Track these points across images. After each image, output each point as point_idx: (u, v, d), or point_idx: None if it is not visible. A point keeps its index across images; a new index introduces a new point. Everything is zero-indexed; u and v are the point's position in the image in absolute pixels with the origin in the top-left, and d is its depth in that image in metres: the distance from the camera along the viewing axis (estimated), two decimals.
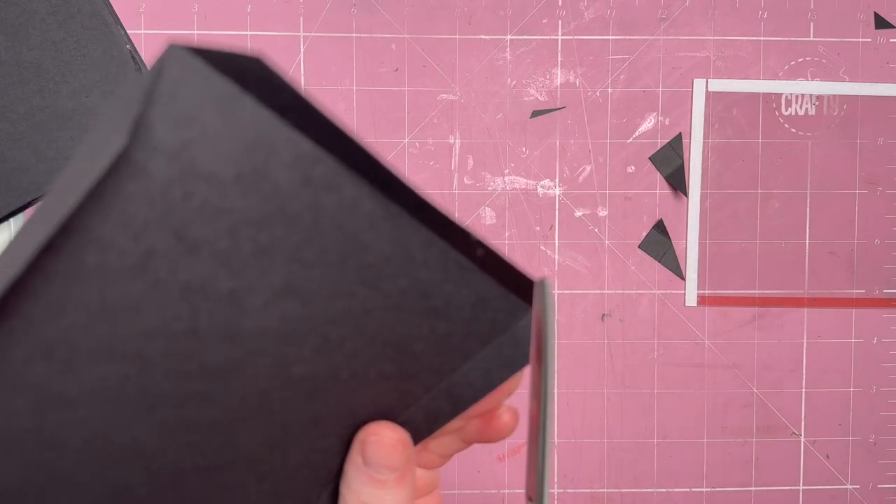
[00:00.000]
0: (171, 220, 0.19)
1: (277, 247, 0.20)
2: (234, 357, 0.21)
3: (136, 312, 0.19)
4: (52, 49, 0.38)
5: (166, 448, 0.21)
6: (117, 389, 0.20)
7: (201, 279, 0.20)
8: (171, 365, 0.20)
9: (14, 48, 0.38)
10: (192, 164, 0.18)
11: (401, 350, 0.24)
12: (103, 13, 0.38)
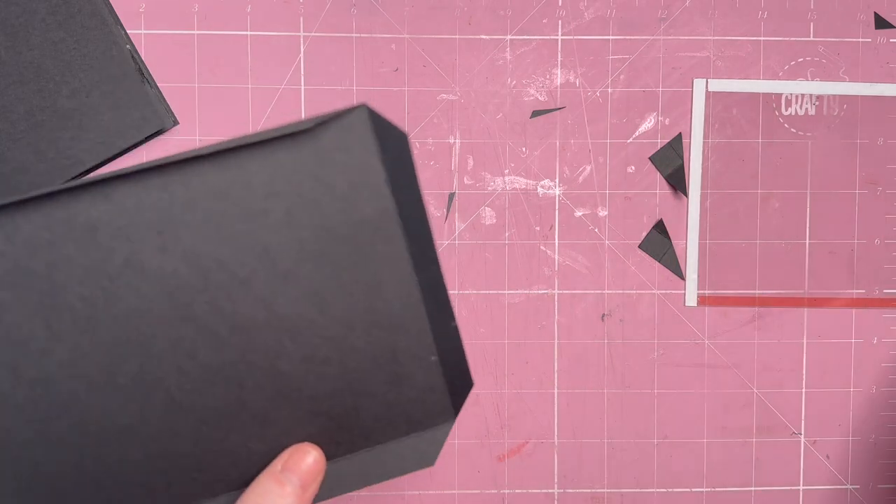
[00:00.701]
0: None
1: (320, 266, 0.27)
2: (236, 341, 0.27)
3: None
4: (52, 49, 0.38)
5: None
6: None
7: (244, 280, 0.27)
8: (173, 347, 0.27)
9: (14, 48, 0.38)
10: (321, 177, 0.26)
11: (352, 402, 0.29)
12: (103, 13, 0.38)
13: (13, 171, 0.38)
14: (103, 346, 0.27)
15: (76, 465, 0.27)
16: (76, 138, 0.39)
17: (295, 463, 0.28)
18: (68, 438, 0.27)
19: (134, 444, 0.28)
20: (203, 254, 0.26)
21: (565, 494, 0.42)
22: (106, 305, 0.26)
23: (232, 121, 0.41)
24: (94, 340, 0.26)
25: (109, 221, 0.26)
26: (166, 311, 0.27)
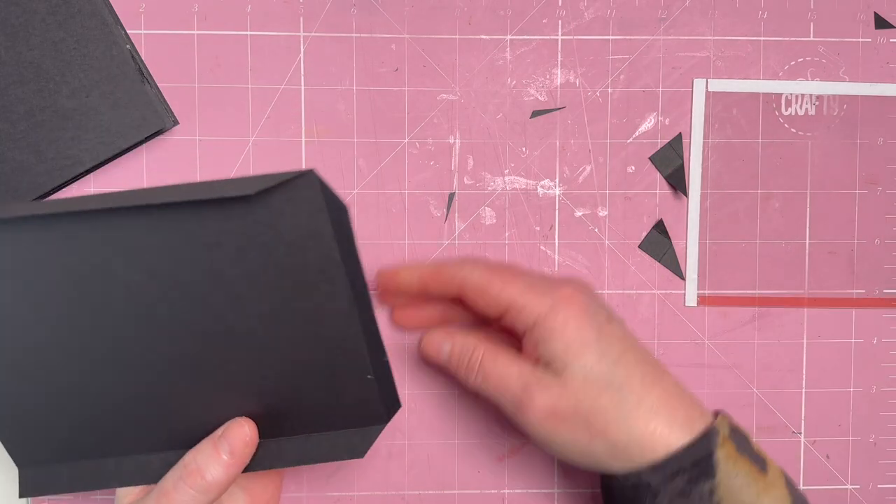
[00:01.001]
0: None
1: (268, 294, 0.32)
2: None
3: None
4: (52, 49, 0.38)
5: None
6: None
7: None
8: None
9: (14, 48, 0.38)
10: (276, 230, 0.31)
11: (295, 398, 0.35)
12: (103, 13, 0.38)
13: (13, 171, 0.38)
14: (81, 331, 0.32)
15: (70, 413, 0.34)
16: (76, 138, 0.39)
17: (231, 433, 0.34)
18: (61, 391, 0.34)
19: (115, 401, 0.34)
20: (163, 272, 0.31)
21: (565, 494, 0.42)
22: (81, 301, 0.32)
23: (232, 120, 0.41)
24: (73, 325, 0.32)
25: (86, 235, 0.30)
26: (131, 311, 0.32)
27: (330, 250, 0.31)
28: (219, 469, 0.33)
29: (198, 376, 0.34)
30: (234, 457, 0.33)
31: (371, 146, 0.41)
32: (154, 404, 0.34)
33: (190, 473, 0.33)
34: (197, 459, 0.33)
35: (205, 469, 0.33)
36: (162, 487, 0.33)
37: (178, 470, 0.33)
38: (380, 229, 0.41)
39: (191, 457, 0.33)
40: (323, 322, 0.33)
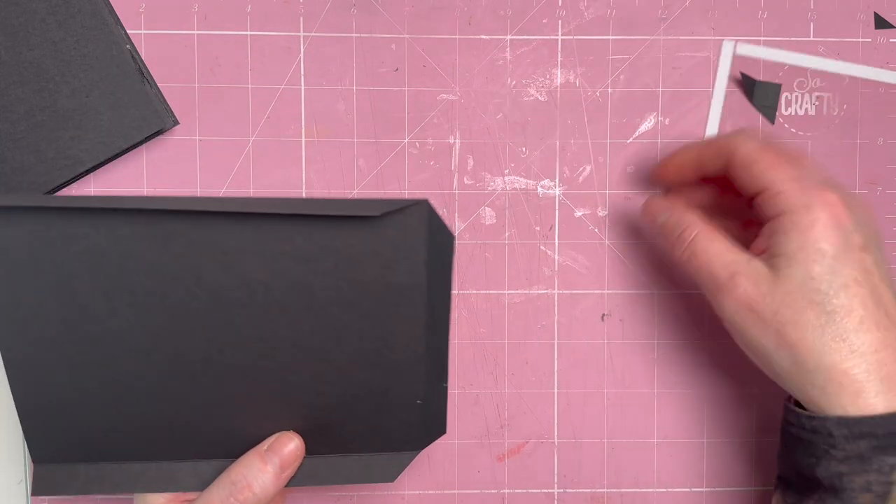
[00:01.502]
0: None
1: (347, 311, 0.33)
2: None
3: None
4: (51, 49, 0.38)
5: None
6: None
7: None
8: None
9: (14, 48, 0.38)
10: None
11: (341, 417, 0.35)
12: (103, 13, 0.38)
13: (13, 171, 0.38)
14: (149, 327, 0.32)
15: (103, 412, 0.34)
16: (76, 138, 0.39)
17: (279, 446, 0.34)
18: (100, 389, 0.33)
19: (154, 405, 0.34)
20: (256, 280, 0.32)
21: (565, 494, 0.42)
22: (161, 297, 0.32)
23: (232, 120, 0.41)
24: (142, 321, 0.32)
25: (185, 234, 0.31)
26: (211, 312, 0.32)
27: (418, 276, 0.33)
28: (267, 482, 0.33)
29: (246, 385, 0.34)
30: (282, 470, 0.34)
31: (371, 146, 0.41)
32: (190, 411, 0.34)
33: (240, 489, 0.33)
34: (246, 475, 0.33)
35: (253, 483, 0.33)
36: (208, 501, 0.33)
37: (227, 486, 0.33)
38: None
39: (239, 472, 0.33)
40: (391, 343, 0.34)
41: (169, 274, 0.31)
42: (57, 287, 0.31)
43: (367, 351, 0.34)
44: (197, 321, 0.32)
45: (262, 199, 0.31)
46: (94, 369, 0.33)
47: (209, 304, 0.32)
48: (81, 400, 0.33)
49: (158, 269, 0.31)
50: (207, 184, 0.41)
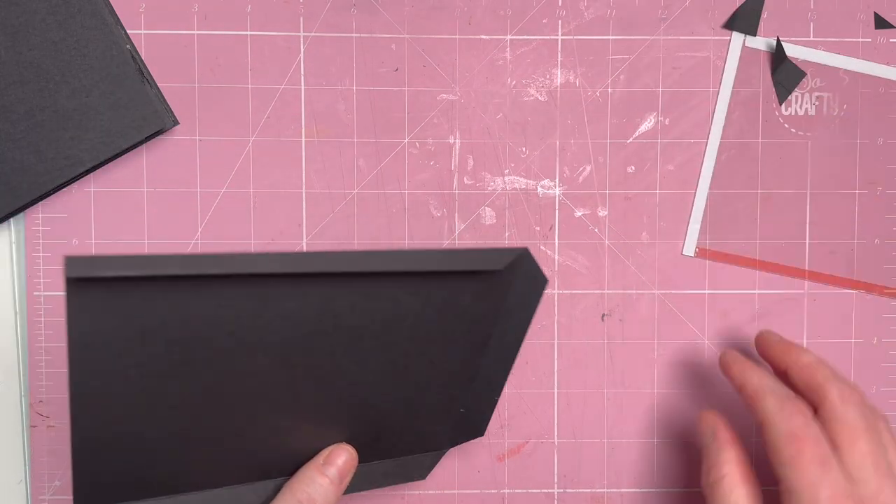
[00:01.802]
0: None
1: (424, 343, 0.33)
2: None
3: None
4: (52, 49, 0.38)
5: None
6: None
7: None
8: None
9: (14, 48, 0.38)
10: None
11: (387, 422, 0.36)
12: (103, 13, 0.38)
13: (13, 171, 0.38)
14: (225, 372, 0.30)
15: (163, 451, 0.32)
16: (76, 138, 0.39)
17: (335, 458, 0.35)
18: (165, 427, 0.31)
19: (219, 438, 0.32)
20: (345, 323, 0.30)
21: (565, 494, 0.42)
22: (238, 345, 0.29)
23: (232, 120, 0.41)
24: (217, 368, 0.30)
25: (276, 291, 0.28)
26: (289, 340, 0.30)
27: (501, 311, 0.33)
28: (330, 495, 0.34)
29: (301, 406, 0.33)
30: (341, 481, 0.35)
31: (371, 146, 0.41)
32: (250, 438, 0.33)
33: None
34: (308, 491, 0.34)
35: (317, 497, 0.34)
36: None
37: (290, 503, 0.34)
38: (380, 229, 0.41)
39: (301, 489, 0.34)
40: (452, 362, 0.34)
41: (251, 325, 0.29)
42: (141, 335, 0.27)
43: (425, 366, 0.34)
44: (268, 362, 0.30)
45: (365, 254, 0.29)
46: (164, 410, 0.30)
47: (289, 329, 0.30)
48: (142, 440, 0.31)
49: (240, 320, 0.28)
50: (208, 184, 0.41)
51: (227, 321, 0.28)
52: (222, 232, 0.41)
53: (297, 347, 0.30)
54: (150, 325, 0.27)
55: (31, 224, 0.40)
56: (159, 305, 0.26)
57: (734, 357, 0.38)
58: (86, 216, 0.41)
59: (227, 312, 0.28)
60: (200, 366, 0.29)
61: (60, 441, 0.41)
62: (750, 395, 0.36)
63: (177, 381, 0.29)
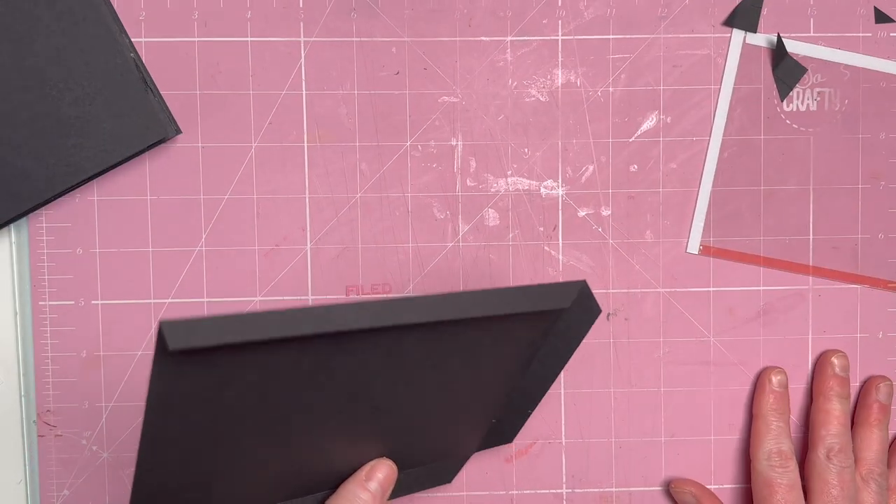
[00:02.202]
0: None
1: (482, 367, 0.35)
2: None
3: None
4: (55, 56, 0.38)
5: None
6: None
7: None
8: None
9: (17, 55, 0.38)
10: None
11: (423, 437, 0.37)
12: (108, 21, 0.38)
13: (14, 178, 0.38)
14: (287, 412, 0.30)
15: (218, 480, 0.32)
16: (78, 146, 0.39)
17: (376, 472, 0.35)
18: (224, 458, 0.31)
19: (269, 461, 0.33)
20: (408, 357, 0.31)
21: (574, 494, 0.42)
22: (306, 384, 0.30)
23: (233, 127, 0.41)
24: (284, 406, 0.30)
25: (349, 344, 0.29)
26: (356, 376, 0.31)
27: (546, 337, 0.35)
28: (364, 498, 0.35)
29: (346, 433, 0.34)
30: (383, 496, 0.36)
31: (373, 150, 0.41)
32: (282, 461, 0.34)
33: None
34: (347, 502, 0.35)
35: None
36: None
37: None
38: (383, 233, 0.41)
39: (339, 500, 0.35)
40: (495, 381, 0.36)
41: (324, 367, 0.29)
42: (220, 383, 0.27)
43: (470, 385, 0.35)
44: (334, 396, 0.31)
45: (441, 300, 0.29)
46: (228, 444, 0.30)
47: (348, 386, 0.31)
48: (199, 471, 0.31)
49: (316, 364, 0.29)
50: (211, 190, 0.41)
51: (304, 365, 0.28)
52: (226, 239, 0.41)
53: (361, 383, 0.31)
54: (231, 374, 0.27)
55: (36, 234, 0.40)
56: (247, 358, 0.26)
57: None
58: (90, 225, 0.41)
59: (306, 358, 0.28)
60: (271, 404, 0.29)
61: (69, 450, 0.41)
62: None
63: (245, 420, 0.30)
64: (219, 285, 0.41)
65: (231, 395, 0.28)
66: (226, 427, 0.29)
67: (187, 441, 0.29)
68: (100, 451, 0.41)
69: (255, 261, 0.41)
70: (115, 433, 0.41)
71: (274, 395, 0.29)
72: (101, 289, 0.41)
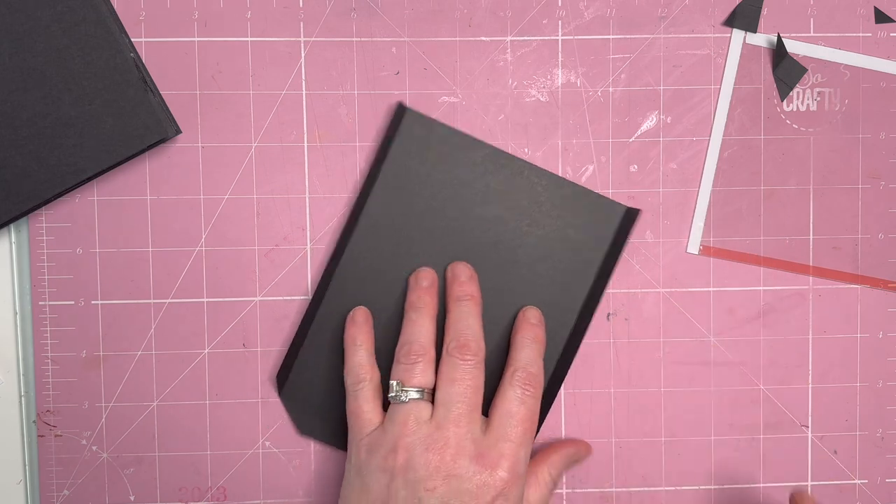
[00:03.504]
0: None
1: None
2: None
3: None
4: (55, 56, 0.38)
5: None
6: None
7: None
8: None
9: (18, 55, 0.38)
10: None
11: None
12: (108, 21, 0.38)
13: (14, 177, 0.38)
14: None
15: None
16: (78, 146, 0.39)
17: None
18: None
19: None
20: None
21: (574, 494, 0.42)
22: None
23: (234, 127, 0.41)
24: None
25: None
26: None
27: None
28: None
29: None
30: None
31: (373, 150, 0.41)
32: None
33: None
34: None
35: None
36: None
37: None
38: None
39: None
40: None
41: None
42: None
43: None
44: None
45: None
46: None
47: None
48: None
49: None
50: (211, 190, 0.41)
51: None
52: (226, 238, 0.41)
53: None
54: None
55: (36, 234, 0.40)
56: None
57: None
58: (90, 225, 0.41)
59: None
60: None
61: (69, 450, 0.41)
62: None
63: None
64: (219, 285, 0.41)
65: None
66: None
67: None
68: (100, 451, 0.41)
69: (255, 261, 0.41)
70: (115, 433, 0.41)
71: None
72: (101, 289, 0.41)
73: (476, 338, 0.37)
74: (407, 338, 0.38)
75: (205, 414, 0.42)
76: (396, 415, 0.36)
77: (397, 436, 0.35)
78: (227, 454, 0.42)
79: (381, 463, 0.35)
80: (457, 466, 0.34)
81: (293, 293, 0.41)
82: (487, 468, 0.35)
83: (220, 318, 0.41)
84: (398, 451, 0.35)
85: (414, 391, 0.36)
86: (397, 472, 0.35)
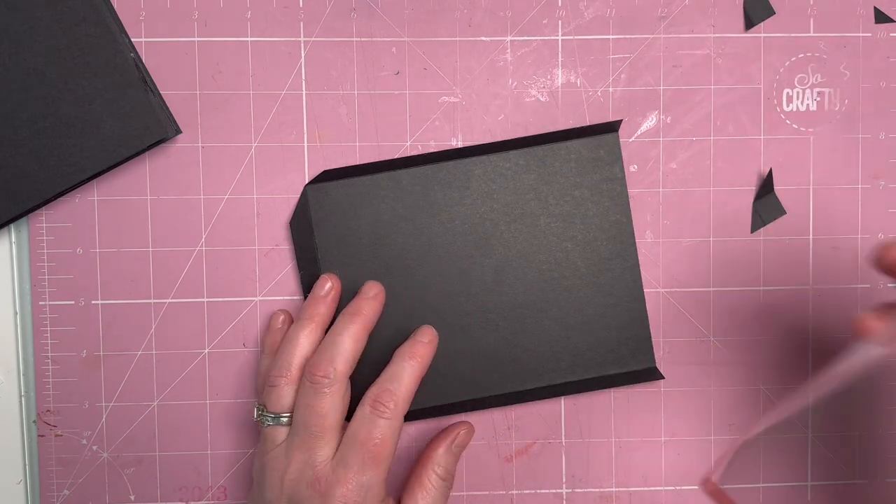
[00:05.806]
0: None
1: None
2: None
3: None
4: (55, 56, 0.38)
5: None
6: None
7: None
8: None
9: (18, 55, 0.38)
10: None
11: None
12: (108, 21, 0.38)
13: (14, 177, 0.38)
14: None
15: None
16: (78, 146, 0.39)
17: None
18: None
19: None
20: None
21: (573, 494, 0.42)
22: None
23: (234, 127, 0.41)
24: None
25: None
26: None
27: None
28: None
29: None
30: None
31: (374, 150, 0.41)
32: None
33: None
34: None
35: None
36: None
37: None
38: None
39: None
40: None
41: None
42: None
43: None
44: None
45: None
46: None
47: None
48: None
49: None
50: (211, 190, 0.41)
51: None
52: (226, 238, 0.41)
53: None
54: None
55: (36, 233, 0.40)
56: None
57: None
58: (90, 225, 0.41)
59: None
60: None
61: (69, 450, 0.41)
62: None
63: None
64: (219, 285, 0.41)
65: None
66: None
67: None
68: (100, 451, 0.41)
69: (255, 261, 0.41)
70: (115, 433, 0.41)
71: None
72: (101, 289, 0.41)
73: (331, 359, 0.36)
74: (277, 356, 0.37)
75: (205, 414, 0.42)
76: (261, 434, 0.37)
77: (259, 453, 0.37)
78: (227, 454, 0.42)
79: (254, 474, 0.38)
80: (296, 492, 0.35)
81: (293, 293, 0.41)
82: (319, 494, 0.34)
83: (220, 318, 0.41)
84: (260, 467, 0.37)
85: (270, 417, 0.36)
86: (258, 486, 0.37)
